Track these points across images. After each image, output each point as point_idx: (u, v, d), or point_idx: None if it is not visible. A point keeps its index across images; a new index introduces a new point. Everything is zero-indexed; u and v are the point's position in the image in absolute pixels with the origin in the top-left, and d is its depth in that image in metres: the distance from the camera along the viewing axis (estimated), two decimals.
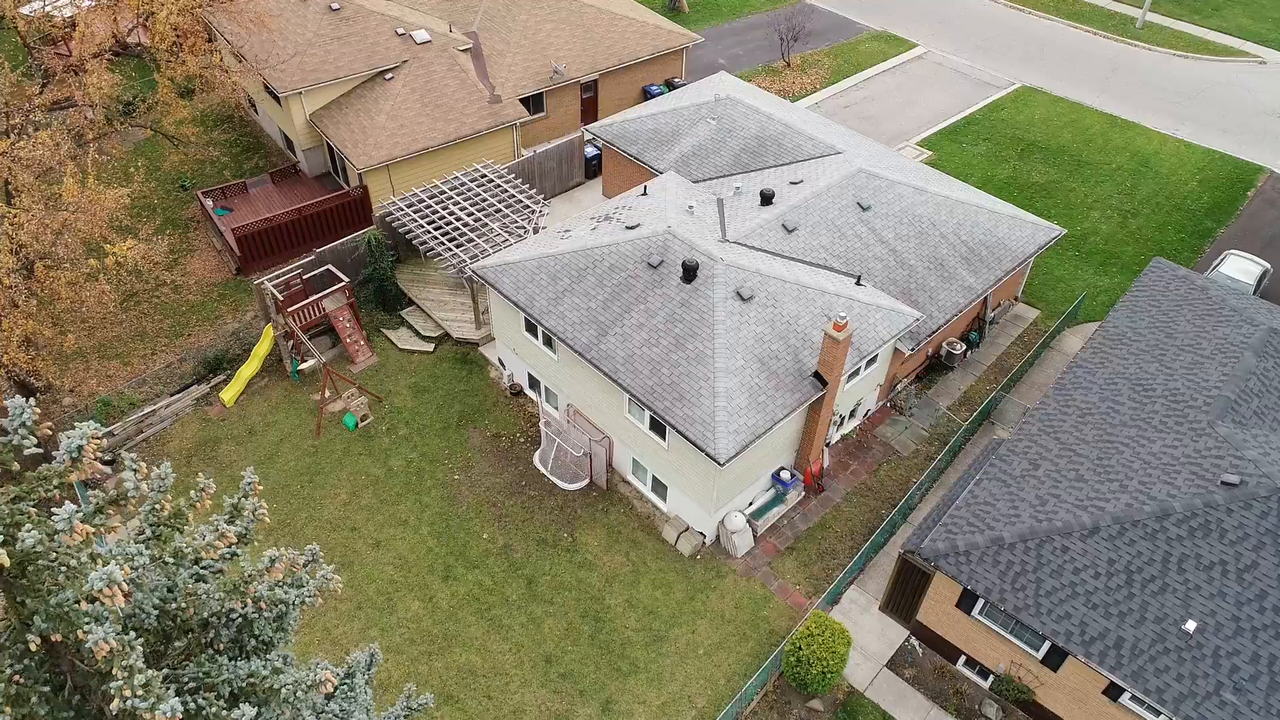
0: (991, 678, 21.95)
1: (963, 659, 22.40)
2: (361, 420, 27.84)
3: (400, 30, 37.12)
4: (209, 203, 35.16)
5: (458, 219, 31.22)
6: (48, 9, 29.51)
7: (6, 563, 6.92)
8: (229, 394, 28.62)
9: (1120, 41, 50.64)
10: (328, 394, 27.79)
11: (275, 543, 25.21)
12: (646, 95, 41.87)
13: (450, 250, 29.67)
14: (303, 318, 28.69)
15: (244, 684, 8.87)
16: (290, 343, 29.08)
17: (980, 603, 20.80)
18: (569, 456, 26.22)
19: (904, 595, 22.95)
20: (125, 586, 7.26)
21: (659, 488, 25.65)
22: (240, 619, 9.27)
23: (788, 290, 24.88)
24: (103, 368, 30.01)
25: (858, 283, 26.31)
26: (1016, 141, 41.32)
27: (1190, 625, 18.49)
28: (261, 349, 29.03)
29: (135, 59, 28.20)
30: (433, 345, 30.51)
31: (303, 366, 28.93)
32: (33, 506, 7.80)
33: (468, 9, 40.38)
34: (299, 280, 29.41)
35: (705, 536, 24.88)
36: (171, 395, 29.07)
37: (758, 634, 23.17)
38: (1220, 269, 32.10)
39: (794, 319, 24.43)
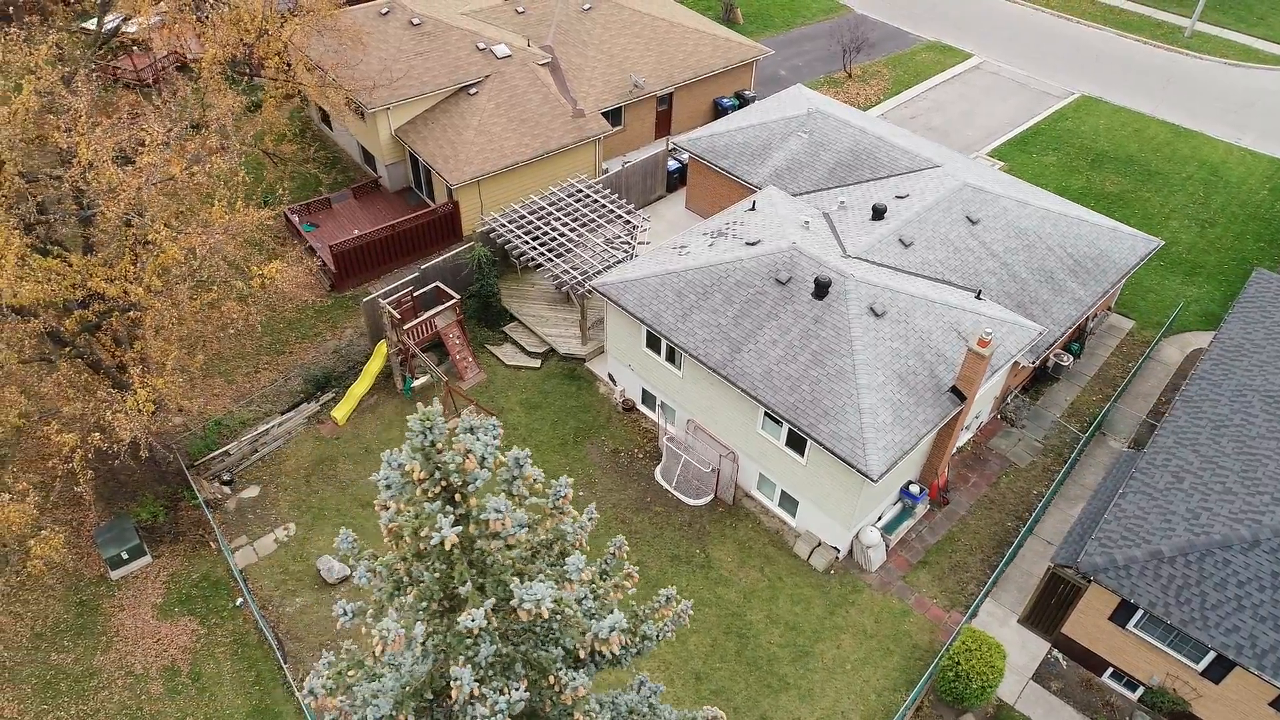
0: (1141, 689, 22.14)
1: (1109, 671, 22.59)
2: None
3: (480, 45, 37.17)
4: (295, 218, 35.12)
5: (561, 234, 31.29)
6: (122, 21, 29.39)
7: (545, 613, 6.95)
8: (341, 412, 28.57)
9: (1171, 50, 51.13)
10: (444, 412, 27.74)
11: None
12: (717, 107, 42.03)
13: (562, 267, 29.73)
14: (416, 335, 28.67)
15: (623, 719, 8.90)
16: (401, 360, 29.06)
17: (1138, 616, 21.00)
18: (694, 472, 26.30)
19: (1049, 608, 23.14)
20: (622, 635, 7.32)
21: (787, 503, 25.77)
22: (609, 653, 9.30)
23: (917, 305, 25.06)
24: (207, 386, 29.89)
25: (978, 297, 26.52)
26: (1085, 151, 41.67)
27: None
28: (374, 366, 28.99)
29: (249, 76, 28.17)
30: (539, 361, 30.55)
31: (416, 384, 28.96)
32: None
33: (540, 22, 40.43)
34: (409, 297, 29.39)
35: (839, 551, 25.00)
36: (283, 414, 29.01)
37: (901, 648, 23.30)
38: None
39: (926, 334, 24.61)
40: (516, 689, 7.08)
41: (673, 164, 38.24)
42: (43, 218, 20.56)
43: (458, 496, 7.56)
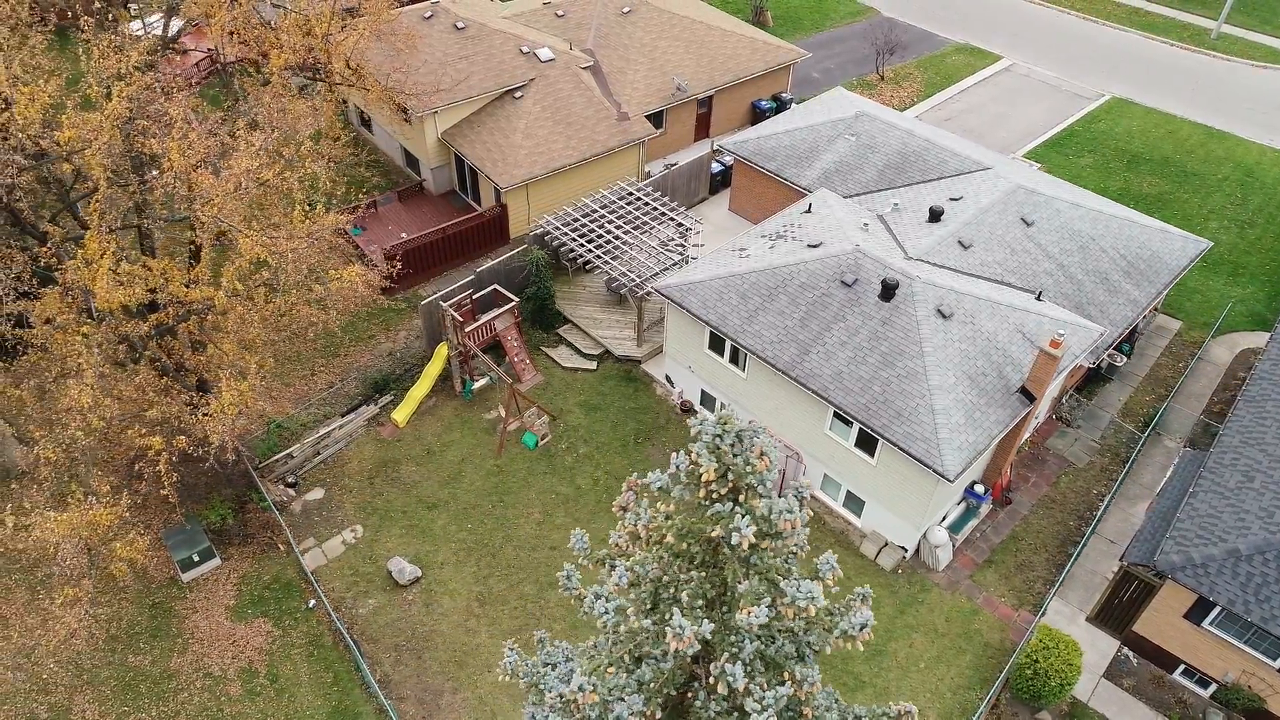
0: (1213, 686, 22.36)
1: (1180, 668, 22.81)
2: (541, 439, 28.01)
3: (524, 48, 37.35)
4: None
5: (616, 237, 31.48)
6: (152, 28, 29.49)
7: (814, 610, 7.15)
8: (401, 414, 28.72)
9: (1197, 52, 51.45)
10: (506, 414, 27.94)
11: (477, 562, 25.38)
12: (755, 110, 42.24)
13: (619, 269, 29.93)
14: (476, 337, 28.85)
15: (819, 715, 9.08)
16: (460, 362, 29.22)
17: (1214, 613, 21.22)
18: None
19: (1120, 606, 23.36)
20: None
21: (852, 503, 25.97)
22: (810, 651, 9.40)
23: (981, 307, 25.28)
24: (265, 388, 29.90)
25: (1038, 298, 26.75)
26: (1120, 153, 41.95)
27: None
28: (433, 369, 29.16)
29: (320, 79, 28.27)
30: (595, 363, 30.73)
31: (475, 386, 29.12)
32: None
33: (580, 26, 40.62)
34: (469, 300, 29.57)
35: (906, 551, 25.21)
36: (343, 416, 29.16)
37: (973, 647, 23.52)
38: None
39: (992, 335, 24.83)
40: (781, 685, 7.29)
41: (715, 166, 38.45)
42: (131, 224, 20.71)
43: (741, 497, 7.74)
